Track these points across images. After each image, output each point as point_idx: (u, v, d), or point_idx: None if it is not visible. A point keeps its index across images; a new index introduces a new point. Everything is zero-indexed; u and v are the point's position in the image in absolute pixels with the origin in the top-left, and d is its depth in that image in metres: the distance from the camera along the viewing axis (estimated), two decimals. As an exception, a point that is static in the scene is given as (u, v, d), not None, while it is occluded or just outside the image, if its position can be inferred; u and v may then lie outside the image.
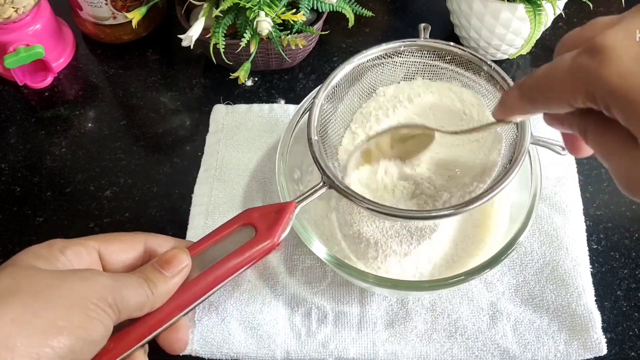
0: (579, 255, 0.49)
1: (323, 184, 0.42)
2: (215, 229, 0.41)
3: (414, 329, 0.46)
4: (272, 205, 0.42)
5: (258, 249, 0.40)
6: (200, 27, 0.57)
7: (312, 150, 0.43)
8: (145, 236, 0.40)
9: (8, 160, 0.58)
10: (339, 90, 0.48)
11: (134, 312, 0.35)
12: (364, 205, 0.40)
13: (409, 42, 0.48)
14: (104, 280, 0.34)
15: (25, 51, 0.59)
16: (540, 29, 0.54)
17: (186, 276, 0.38)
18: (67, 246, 0.36)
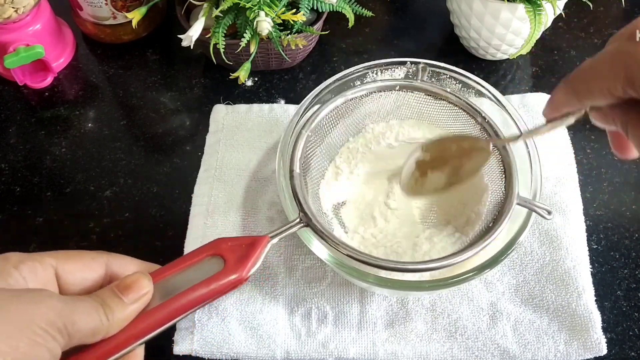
0: (579, 255, 0.49)
1: (299, 221, 0.42)
2: (182, 256, 0.40)
3: (414, 329, 0.46)
4: (244, 237, 0.41)
5: (224, 282, 0.38)
6: (200, 27, 0.57)
7: (292, 184, 0.43)
8: (108, 256, 0.38)
9: (8, 160, 0.58)
10: (327, 123, 0.48)
11: (86, 338, 0.33)
12: (338, 249, 0.40)
13: (405, 82, 0.49)
14: (54, 303, 0.32)
15: (25, 51, 0.59)
16: (540, 29, 0.54)
17: (146, 303, 0.36)
18: (22, 261, 0.34)
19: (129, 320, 0.35)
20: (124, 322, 0.35)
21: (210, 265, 0.39)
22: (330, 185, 0.50)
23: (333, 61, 0.65)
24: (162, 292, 0.37)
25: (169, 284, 0.38)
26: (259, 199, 0.53)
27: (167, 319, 0.37)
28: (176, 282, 0.38)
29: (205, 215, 0.52)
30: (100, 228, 0.53)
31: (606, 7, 0.69)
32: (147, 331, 0.36)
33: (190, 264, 0.39)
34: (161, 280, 0.38)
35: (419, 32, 0.68)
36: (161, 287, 0.38)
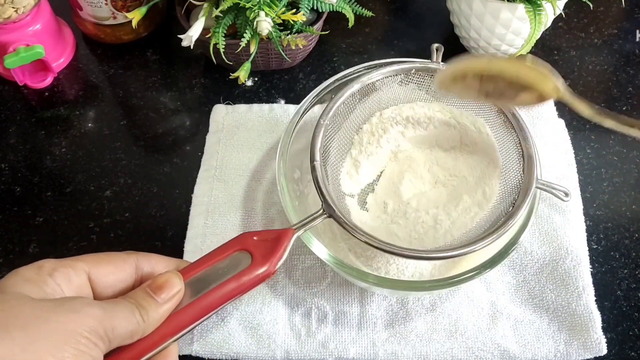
0: (579, 255, 0.49)
1: (322, 212, 0.42)
2: (210, 252, 0.40)
3: (414, 329, 0.46)
4: (270, 231, 0.41)
5: (253, 277, 0.39)
6: (200, 27, 0.57)
7: (314, 176, 0.43)
8: (137, 256, 0.39)
9: (8, 160, 0.58)
10: (344, 110, 0.48)
11: (125, 341, 0.34)
12: (363, 239, 0.40)
13: (421, 65, 0.49)
14: (94, 311, 0.32)
15: (25, 51, 0.58)
16: (540, 29, 0.54)
17: (179, 301, 0.37)
18: (55, 268, 0.35)
19: (163, 319, 0.36)
20: (159, 321, 0.36)
21: (238, 260, 0.39)
22: (351, 174, 0.51)
23: (333, 61, 0.65)
24: (192, 289, 0.38)
25: (199, 281, 0.38)
26: (259, 199, 0.53)
27: (200, 315, 0.37)
28: (206, 278, 0.38)
29: (205, 215, 0.52)
30: (100, 228, 0.53)
31: (606, 7, 0.69)
32: (181, 328, 0.37)
33: (218, 260, 0.39)
34: (191, 277, 0.38)
35: (419, 32, 0.68)
36: (191, 284, 0.38)
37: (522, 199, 0.42)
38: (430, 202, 0.49)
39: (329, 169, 0.47)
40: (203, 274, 0.39)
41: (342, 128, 0.49)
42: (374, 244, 0.40)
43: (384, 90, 0.50)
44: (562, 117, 0.58)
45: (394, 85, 0.50)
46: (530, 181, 0.43)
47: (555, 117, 0.57)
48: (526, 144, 0.45)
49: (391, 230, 0.47)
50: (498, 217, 0.44)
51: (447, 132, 0.51)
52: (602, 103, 0.60)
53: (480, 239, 0.41)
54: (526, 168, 0.44)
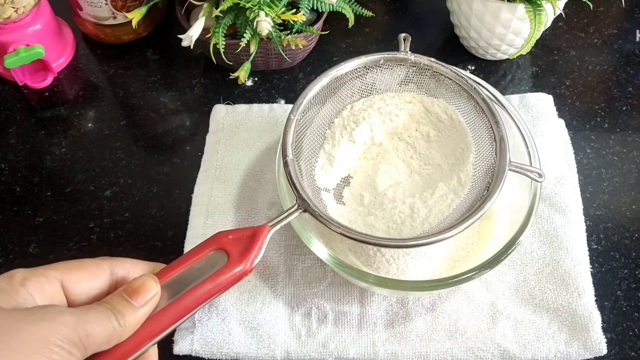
0: (579, 255, 0.49)
1: (297, 207, 0.41)
2: (185, 253, 0.40)
3: (414, 329, 0.46)
4: (245, 229, 0.41)
5: (230, 276, 0.38)
6: (200, 27, 0.57)
7: (287, 171, 0.43)
8: (111, 261, 0.38)
9: (8, 160, 0.58)
10: (315, 104, 0.48)
11: (101, 347, 0.33)
12: (338, 231, 0.40)
13: (389, 55, 0.49)
14: (67, 319, 0.32)
15: (25, 51, 0.58)
16: (540, 29, 0.54)
17: (155, 304, 0.37)
18: (28, 277, 0.34)
19: (140, 323, 0.36)
20: (136, 326, 0.35)
21: (214, 260, 0.39)
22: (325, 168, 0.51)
23: (333, 61, 0.65)
24: (169, 291, 0.38)
25: (176, 282, 0.38)
26: (258, 199, 0.53)
27: (177, 317, 0.37)
28: (182, 280, 0.38)
29: (205, 215, 0.52)
30: (100, 228, 0.53)
31: (606, 7, 0.69)
32: (159, 331, 0.37)
33: (194, 261, 0.39)
34: (167, 280, 0.38)
35: (419, 32, 0.68)
36: (168, 286, 0.38)
37: (495, 182, 0.42)
38: (407, 192, 0.49)
39: (302, 164, 0.47)
40: (179, 275, 0.38)
41: (313, 123, 0.49)
42: (350, 236, 0.40)
43: (354, 83, 0.50)
44: (562, 117, 0.58)
45: (364, 77, 0.50)
46: (503, 164, 0.43)
47: (555, 117, 0.57)
48: (497, 127, 0.45)
49: (369, 222, 0.47)
50: (474, 202, 0.44)
51: (419, 121, 0.51)
52: (602, 103, 0.60)
53: (457, 225, 0.41)
54: (499, 151, 0.44)
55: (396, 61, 0.49)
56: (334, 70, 0.48)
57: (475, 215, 0.41)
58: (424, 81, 0.50)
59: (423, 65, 0.49)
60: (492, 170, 0.44)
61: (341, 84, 0.49)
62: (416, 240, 0.41)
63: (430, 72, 0.49)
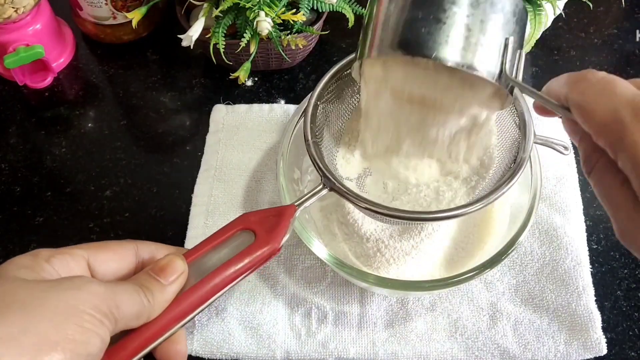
0: (579, 255, 0.49)
1: (323, 186, 0.41)
2: (212, 234, 0.39)
3: (414, 329, 0.46)
4: (271, 208, 0.40)
5: (258, 255, 0.37)
6: (200, 27, 0.57)
7: (309, 152, 0.42)
8: (136, 244, 0.38)
9: (8, 160, 0.58)
10: (336, 89, 0.47)
11: (130, 322, 0.33)
12: (364, 206, 0.39)
13: None
14: (96, 288, 0.31)
15: (25, 51, 0.58)
16: (540, 29, 0.54)
17: (183, 284, 0.36)
18: (53, 255, 0.33)
19: (169, 302, 0.35)
20: (165, 304, 0.35)
21: (241, 240, 0.38)
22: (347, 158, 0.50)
23: (333, 61, 0.65)
24: (197, 271, 0.37)
25: (203, 263, 0.37)
26: (258, 199, 0.53)
27: (206, 297, 0.36)
28: (210, 261, 0.37)
29: (206, 215, 0.52)
30: (100, 228, 0.53)
31: (606, 7, 0.69)
32: (188, 312, 0.36)
33: (221, 241, 0.38)
34: (194, 260, 0.37)
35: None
36: (195, 267, 0.37)
37: (523, 154, 0.41)
38: (431, 177, 0.48)
39: (324, 152, 0.46)
40: (206, 256, 0.38)
41: (334, 110, 0.48)
42: (377, 210, 0.39)
43: None
44: (562, 117, 0.58)
45: None
46: (528, 137, 0.42)
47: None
48: (517, 101, 0.43)
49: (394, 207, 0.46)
50: (501, 177, 0.43)
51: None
52: (602, 103, 0.60)
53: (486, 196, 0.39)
54: (522, 124, 0.42)
55: None
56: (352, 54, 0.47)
57: (504, 187, 0.39)
58: None
59: None
60: (517, 144, 0.42)
61: None
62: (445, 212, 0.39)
63: None
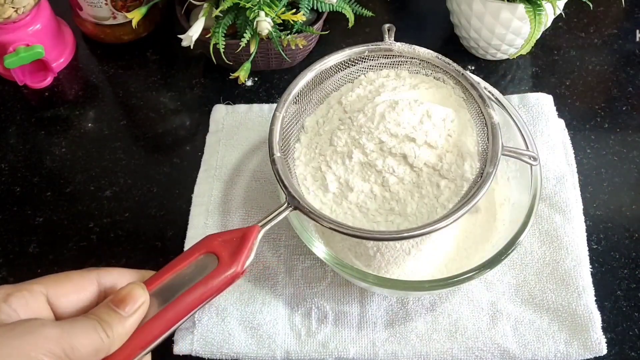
0: (579, 255, 0.49)
1: (287, 205, 0.40)
2: (175, 258, 0.39)
3: (414, 329, 0.46)
4: (235, 230, 0.39)
5: (221, 279, 0.37)
6: (200, 27, 0.57)
7: (274, 169, 0.42)
8: (98, 272, 0.37)
9: (8, 160, 0.58)
10: (301, 101, 0.47)
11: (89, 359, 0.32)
12: (329, 226, 0.39)
13: (373, 46, 0.48)
14: (50, 331, 0.31)
15: (25, 51, 0.58)
16: (540, 29, 0.54)
17: (144, 313, 0.35)
18: (11, 293, 0.33)
19: (130, 333, 0.35)
20: (126, 336, 0.34)
21: (204, 264, 0.38)
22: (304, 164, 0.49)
23: (333, 61, 0.65)
24: (159, 298, 0.37)
25: (166, 289, 0.37)
26: (258, 199, 0.53)
27: (169, 324, 0.36)
28: (172, 286, 0.37)
29: (205, 215, 0.52)
30: (100, 228, 0.53)
31: (606, 7, 0.69)
32: (151, 340, 0.36)
33: (184, 266, 0.38)
34: (157, 287, 0.37)
35: (419, 32, 0.68)
36: (158, 294, 0.37)
37: (489, 167, 0.41)
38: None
39: (290, 162, 0.46)
40: (169, 282, 0.37)
41: (300, 119, 0.48)
42: (341, 230, 0.39)
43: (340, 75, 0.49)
44: (562, 117, 0.58)
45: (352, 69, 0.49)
46: (496, 149, 0.42)
47: (555, 117, 0.57)
48: (487, 112, 0.44)
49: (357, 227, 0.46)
50: (468, 192, 0.43)
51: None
52: (602, 103, 0.60)
53: (449, 215, 0.40)
54: (491, 136, 0.43)
55: (381, 51, 0.48)
56: (318, 65, 0.47)
57: (468, 204, 0.40)
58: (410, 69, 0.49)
59: (407, 54, 0.48)
60: (485, 155, 0.43)
61: (326, 78, 0.48)
62: (410, 232, 0.40)
63: (417, 60, 0.48)
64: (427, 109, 0.45)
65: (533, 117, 0.56)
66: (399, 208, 0.45)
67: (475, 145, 0.45)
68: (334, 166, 0.46)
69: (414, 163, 0.45)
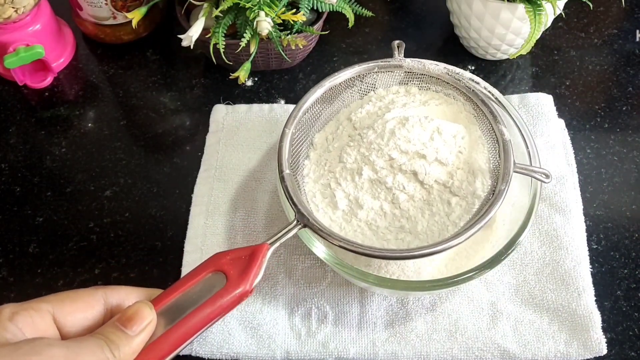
0: (579, 255, 0.49)
1: (297, 223, 0.40)
2: (182, 277, 0.38)
3: (414, 329, 0.46)
4: (243, 248, 0.39)
5: (229, 298, 0.37)
6: (200, 27, 0.57)
7: (283, 186, 0.42)
8: (104, 290, 0.37)
9: (8, 160, 0.58)
10: (310, 117, 0.47)
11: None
12: (340, 245, 0.39)
13: (383, 63, 0.48)
14: (56, 352, 0.30)
15: (25, 51, 0.58)
16: (540, 29, 0.54)
17: (152, 333, 0.35)
18: (17, 312, 0.32)
19: (136, 353, 0.34)
20: (132, 356, 0.34)
21: (212, 282, 0.38)
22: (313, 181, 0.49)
23: (333, 61, 0.65)
24: (166, 317, 0.36)
25: (173, 308, 0.37)
26: (258, 199, 0.53)
27: (176, 344, 0.36)
28: (180, 305, 0.37)
29: (205, 215, 0.52)
30: (100, 228, 0.53)
31: (606, 7, 0.69)
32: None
33: (192, 284, 0.38)
34: (164, 306, 0.36)
35: (419, 32, 0.68)
36: (165, 313, 0.36)
37: (500, 184, 0.42)
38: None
39: (300, 178, 0.46)
40: (176, 300, 0.37)
41: (309, 136, 0.48)
42: (350, 248, 0.39)
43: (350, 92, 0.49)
44: (562, 117, 0.58)
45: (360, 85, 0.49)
46: (507, 166, 0.42)
47: (555, 117, 0.57)
48: (499, 128, 0.44)
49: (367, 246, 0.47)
50: (480, 209, 0.43)
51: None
52: (602, 103, 0.60)
53: (462, 232, 0.40)
54: (502, 153, 0.43)
55: (390, 68, 0.49)
56: (328, 82, 0.47)
57: (480, 221, 0.40)
58: (420, 85, 0.50)
59: (418, 71, 0.49)
60: (497, 172, 0.43)
61: (336, 95, 0.49)
62: (421, 250, 0.39)
63: (426, 77, 0.49)
64: (438, 125, 0.45)
65: (533, 117, 0.56)
66: (409, 226, 0.45)
67: (487, 162, 0.45)
68: (344, 183, 0.46)
69: (424, 180, 0.44)
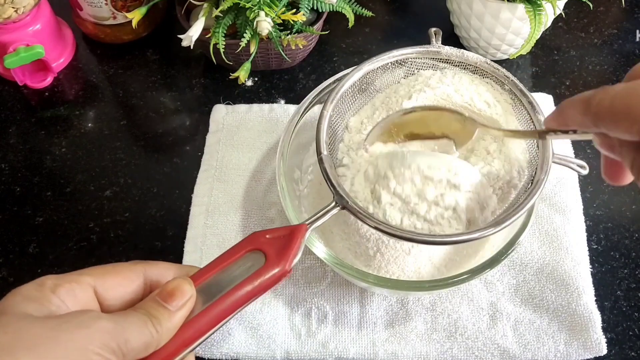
0: (579, 255, 0.49)
1: (335, 204, 0.40)
2: (221, 255, 0.37)
3: (414, 329, 0.46)
4: (282, 228, 0.39)
5: (268, 277, 0.36)
6: (200, 27, 0.57)
7: (322, 167, 0.41)
8: (144, 265, 0.36)
9: (8, 160, 0.58)
10: (347, 99, 0.47)
11: (139, 354, 0.32)
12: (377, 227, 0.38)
13: (422, 49, 0.47)
14: (104, 325, 0.30)
15: (25, 51, 0.58)
16: (540, 29, 0.54)
17: (191, 309, 0.35)
18: (59, 284, 0.32)
19: (177, 328, 0.34)
20: (173, 331, 0.34)
21: (251, 261, 0.37)
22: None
23: (333, 61, 0.65)
24: (205, 294, 0.36)
25: (212, 285, 0.36)
26: (258, 199, 0.53)
27: (215, 321, 0.35)
28: (219, 282, 0.36)
29: (205, 215, 0.52)
30: (100, 228, 0.53)
31: (606, 7, 0.69)
32: (196, 337, 0.35)
33: (231, 262, 0.37)
34: (203, 283, 0.36)
35: (419, 32, 0.68)
36: (204, 290, 0.36)
37: (540, 174, 0.41)
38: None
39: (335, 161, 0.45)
40: (215, 278, 0.36)
41: (345, 119, 0.48)
42: (388, 231, 0.38)
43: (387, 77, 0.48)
44: (562, 117, 0.58)
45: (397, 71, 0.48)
46: (547, 156, 0.41)
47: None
48: (537, 119, 0.43)
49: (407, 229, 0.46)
50: (517, 198, 0.43)
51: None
52: (602, 103, 0.60)
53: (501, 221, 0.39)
54: (541, 144, 0.42)
55: (428, 54, 0.48)
56: (367, 65, 0.46)
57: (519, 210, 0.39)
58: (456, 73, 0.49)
59: (456, 58, 0.47)
60: (535, 162, 0.42)
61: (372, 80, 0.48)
62: (459, 236, 0.39)
63: (464, 64, 0.47)
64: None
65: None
66: None
67: (523, 152, 0.45)
68: None
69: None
